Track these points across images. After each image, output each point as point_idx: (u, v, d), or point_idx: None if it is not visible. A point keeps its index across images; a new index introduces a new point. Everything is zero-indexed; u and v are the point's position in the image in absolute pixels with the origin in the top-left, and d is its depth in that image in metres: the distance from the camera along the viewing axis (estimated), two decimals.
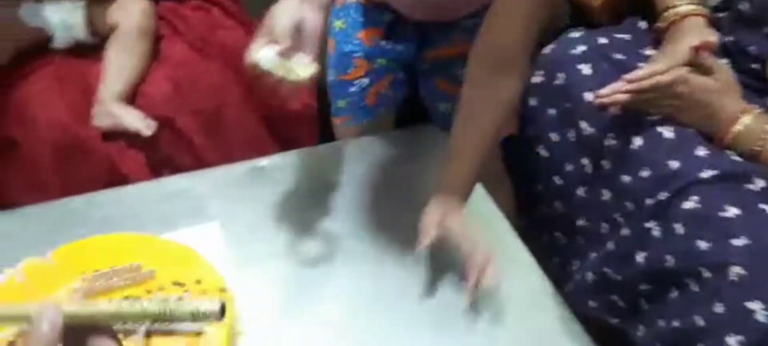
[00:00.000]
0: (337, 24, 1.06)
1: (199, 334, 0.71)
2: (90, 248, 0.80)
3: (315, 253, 0.88)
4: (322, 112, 1.20)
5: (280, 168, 1.00)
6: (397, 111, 1.17)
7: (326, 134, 1.20)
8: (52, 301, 0.73)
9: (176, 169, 1.03)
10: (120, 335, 0.69)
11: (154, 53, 1.11)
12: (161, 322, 0.69)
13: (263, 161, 1.00)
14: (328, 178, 0.99)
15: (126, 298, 0.73)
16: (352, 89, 1.05)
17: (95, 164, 1.00)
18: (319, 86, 1.16)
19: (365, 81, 1.05)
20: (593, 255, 1.02)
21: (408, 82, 1.09)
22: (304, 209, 0.94)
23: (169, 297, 0.73)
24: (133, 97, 1.05)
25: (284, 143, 1.13)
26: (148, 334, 0.70)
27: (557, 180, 1.07)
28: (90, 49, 1.12)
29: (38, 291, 0.74)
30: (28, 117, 1.00)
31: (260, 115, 1.10)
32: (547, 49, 1.10)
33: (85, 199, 0.93)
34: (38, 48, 1.07)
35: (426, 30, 1.05)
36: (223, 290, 0.76)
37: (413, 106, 1.16)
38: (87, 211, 0.92)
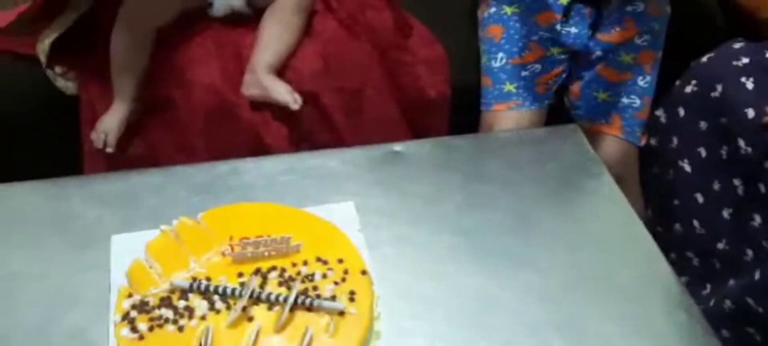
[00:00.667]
0: (509, 10, 1.04)
1: (342, 313, 0.72)
2: (238, 214, 0.83)
3: (446, 244, 0.88)
4: (453, 102, 1.20)
5: (415, 155, 0.99)
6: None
7: (455, 125, 1.20)
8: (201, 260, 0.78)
9: (314, 145, 1.06)
10: (263, 305, 0.72)
11: (306, 28, 1.13)
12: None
13: (399, 146, 1.00)
14: (465, 169, 0.97)
15: (273, 268, 0.76)
16: (525, 73, 1.04)
17: (241, 132, 1.04)
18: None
19: (537, 67, 1.03)
20: (732, 282, 0.97)
21: (567, 78, 1.07)
22: (438, 199, 0.93)
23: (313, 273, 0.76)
24: (282, 70, 1.08)
25: (415, 130, 1.14)
26: (292, 307, 0.72)
27: (699, 198, 1.02)
28: (246, 20, 1.14)
29: (189, 250, 0.77)
30: (186, 79, 1.04)
31: (397, 100, 1.11)
32: (704, 59, 1.04)
33: (230, 165, 0.96)
34: (199, 13, 1.12)
35: (599, 15, 1.02)
36: (364, 272, 0.77)
37: None
38: (231, 177, 0.95)
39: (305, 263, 0.77)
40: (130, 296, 0.73)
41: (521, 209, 0.92)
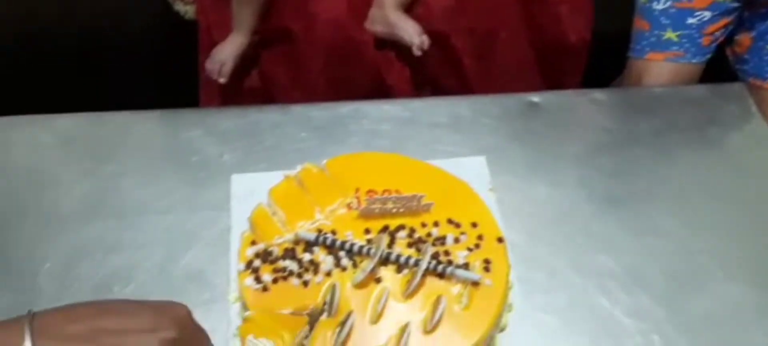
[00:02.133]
0: None
1: (476, 284, 0.66)
2: (365, 163, 0.77)
3: (589, 212, 0.79)
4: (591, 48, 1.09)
5: (555, 107, 0.90)
6: None
7: (589, 74, 1.09)
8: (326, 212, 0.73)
9: (439, 89, 0.98)
10: (391, 267, 0.67)
11: None
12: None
13: (536, 96, 0.91)
14: (612, 128, 0.88)
15: (401, 226, 0.71)
16: (691, 20, 0.91)
17: (363, 71, 0.98)
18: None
19: (706, 15, 0.90)
20: None
21: (735, 29, 0.93)
22: (580, 160, 0.84)
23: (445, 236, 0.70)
24: (412, 4, 1.00)
25: (547, 79, 1.04)
26: (424, 273, 0.67)
27: None
28: None
29: (314, 199, 0.73)
30: (309, 12, 0.99)
31: (532, 45, 1.01)
32: None
33: (351, 106, 0.91)
34: None
35: None
36: (500, 240, 0.70)
37: None
38: (353, 119, 0.89)
39: (436, 224, 0.71)
40: (253, 243, 0.70)
41: (677, 179, 0.82)
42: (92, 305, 0.50)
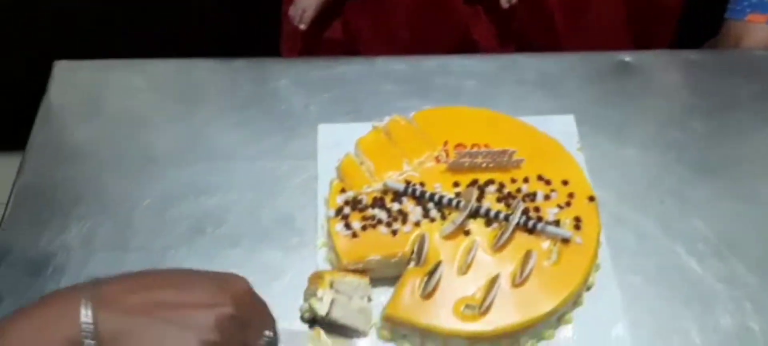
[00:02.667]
0: None
1: (565, 241, 0.66)
2: (453, 117, 0.77)
3: (681, 178, 0.76)
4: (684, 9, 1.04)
5: (648, 67, 0.87)
6: None
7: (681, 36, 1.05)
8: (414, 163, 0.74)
9: (526, 45, 0.96)
10: (480, 220, 0.67)
11: None
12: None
13: (628, 56, 0.88)
14: (708, 91, 0.84)
15: (490, 181, 0.70)
16: None
17: (449, 26, 0.97)
18: None
19: None
20: None
21: None
22: (673, 122, 0.82)
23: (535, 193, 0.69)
24: None
25: (639, 38, 1.00)
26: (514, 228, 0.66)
27: None
28: None
29: (402, 150, 0.73)
30: None
31: (625, 1, 0.97)
32: None
33: (437, 60, 0.90)
34: None
35: None
36: (592, 198, 0.69)
37: None
38: (439, 74, 0.88)
39: (526, 180, 0.70)
40: (342, 191, 0.71)
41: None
42: (153, 275, 0.50)
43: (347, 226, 0.68)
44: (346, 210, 0.69)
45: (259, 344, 0.52)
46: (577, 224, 0.67)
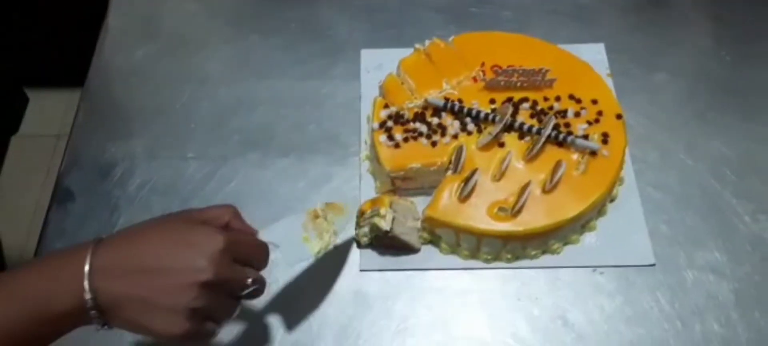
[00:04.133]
0: None
1: (593, 153, 0.71)
2: (490, 41, 0.81)
3: (707, 101, 0.80)
4: None
5: (677, 0, 0.91)
6: None
7: None
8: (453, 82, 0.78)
9: None
10: (514, 133, 0.72)
11: None
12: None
13: None
14: (736, 22, 0.87)
15: (524, 99, 0.75)
16: None
17: None
18: None
19: None
20: None
21: None
22: (702, 51, 0.85)
23: (566, 110, 0.74)
24: None
25: None
26: (545, 140, 0.71)
27: None
28: None
29: (442, 71, 0.78)
30: None
31: None
32: None
33: None
34: None
35: None
36: (619, 116, 0.73)
37: None
38: (475, 3, 0.92)
39: (557, 98, 0.75)
40: (386, 106, 0.76)
41: None
42: (142, 244, 0.52)
43: (390, 137, 0.73)
44: (389, 123, 0.74)
45: (245, 293, 0.54)
46: (605, 139, 0.72)
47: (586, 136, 0.72)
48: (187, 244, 0.52)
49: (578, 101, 0.75)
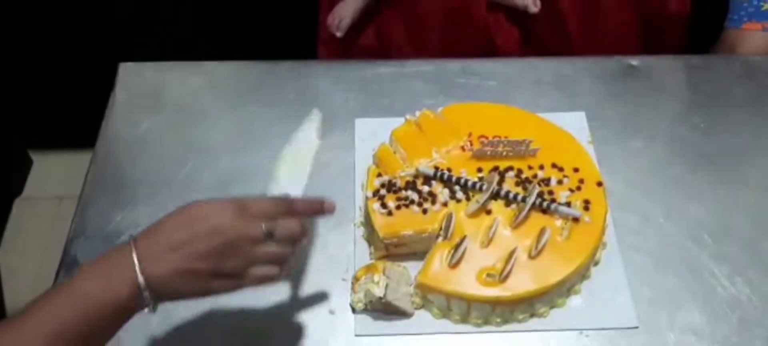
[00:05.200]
0: None
1: (576, 220, 0.75)
2: (477, 112, 0.86)
3: (682, 166, 0.85)
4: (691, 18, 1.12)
5: (652, 70, 0.96)
6: None
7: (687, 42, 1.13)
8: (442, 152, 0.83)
9: (543, 49, 1.05)
10: (500, 201, 0.76)
11: None
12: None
13: (635, 60, 0.97)
14: (707, 91, 0.93)
15: (510, 168, 0.79)
16: None
17: (474, 31, 1.06)
18: None
19: None
20: None
21: None
22: (675, 118, 0.90)
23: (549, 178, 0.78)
24: None
25: (648, 44, 1.08)
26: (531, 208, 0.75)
27: None
28: None
29: (431, 140, 0.83)
30: None
31: (635, 10, 1.06)
32: None
33: (461, 64, 1.00)
34: None
35: None
36: (600, 183, 0.78)
37: None
38: (463, 75, 0.98)
39: (541, 167, 0.80)
40: (379, 175, 0.80)
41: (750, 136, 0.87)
42: (177, 230, 0.60)
43: (383, 205, 0.77)
44: (383, 192, 0.78)
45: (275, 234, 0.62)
46: (587, 205, 0.76)
47: (568, 204, 0.76)
48: (203, 215, 0.61)
49: (561, 169, 0.79)
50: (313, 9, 1.20)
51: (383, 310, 0.73)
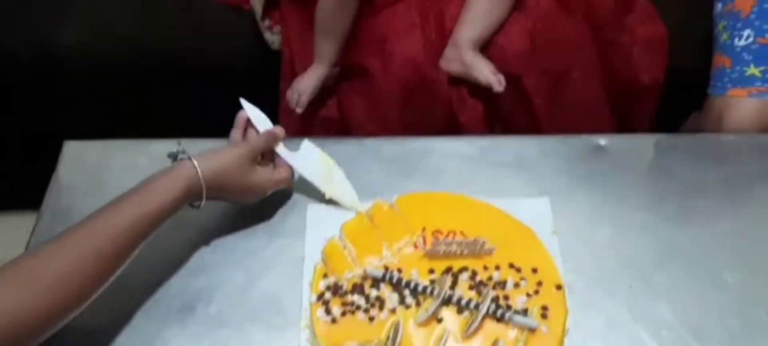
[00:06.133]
0: None
1: (532, 330, 0.69)
2: (432, 203, 0.81)
3: (653, 262, 0.79)
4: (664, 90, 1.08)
5: (622, 151, 0.91)
6: None
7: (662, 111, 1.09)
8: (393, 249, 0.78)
9: (509, 127, 1.01)
10: (452, 307, 0.71)
11: (517, 2, 1.05)
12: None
13: (604, 139, 0.92)
14: (681, 175, 0.88)
15: (464, 268, 0.74)
16: None
17: (435, 108, 1.02)
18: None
19: None
20: None
21: None
22: (646, 206, 0.85)
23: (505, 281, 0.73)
24: (486, 45, 1.03)
25: (618, 118, 1.04)
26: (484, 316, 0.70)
27: None
28: None
29: (383, 235, 0.78)
30: (387, 50, 1.03)
31: (604, 85, 1.02)
32: None
33: (422, 142, 0.95)
34: None
35: None
36: (559, 287, 0.73)
37: None
38: (423, 155, 0.93)
39: (497, 268, 0.74)
40: (325, 276, 0.75)
41: (743, 231, 0.82)
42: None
43: (327, 311, 0.72)
44: (327, 296, 0.73)
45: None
46: (544, 312, 0.71)
47: (525, 311, 0.70)
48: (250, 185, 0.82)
49: (518, 270, 0.74)
50: (274, 80, 1.16)
51: None
